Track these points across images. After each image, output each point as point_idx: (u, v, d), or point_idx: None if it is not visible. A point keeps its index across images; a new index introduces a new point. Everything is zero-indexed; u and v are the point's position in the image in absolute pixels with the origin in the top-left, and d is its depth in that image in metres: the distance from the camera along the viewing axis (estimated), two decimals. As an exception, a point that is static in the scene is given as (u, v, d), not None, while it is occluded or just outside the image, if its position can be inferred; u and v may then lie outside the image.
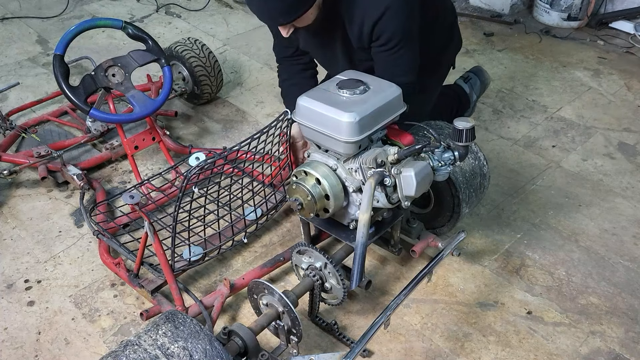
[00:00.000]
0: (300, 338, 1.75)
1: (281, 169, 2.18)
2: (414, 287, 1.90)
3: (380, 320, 1.78)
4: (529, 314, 2.08)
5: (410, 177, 1.69)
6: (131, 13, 4.18)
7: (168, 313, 1.56)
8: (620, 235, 2.39)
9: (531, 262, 2.27)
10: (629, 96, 3.27)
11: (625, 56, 3.66)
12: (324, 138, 1.78)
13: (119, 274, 2.12)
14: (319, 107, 1.76)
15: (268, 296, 1.78)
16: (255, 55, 3.66)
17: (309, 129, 1.81)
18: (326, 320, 2.00)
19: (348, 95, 1.78)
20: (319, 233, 2.15)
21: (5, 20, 4.02)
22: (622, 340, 1.99)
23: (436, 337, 2.00)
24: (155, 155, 2.79)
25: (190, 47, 2.94)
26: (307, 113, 1.79)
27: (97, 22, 2.46)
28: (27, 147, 2.76)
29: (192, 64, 2.92)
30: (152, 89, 2.89)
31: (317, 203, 1.81)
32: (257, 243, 2.36)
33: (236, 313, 2.08)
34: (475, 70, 2.95)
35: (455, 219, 2.18)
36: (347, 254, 1.98)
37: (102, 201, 2.38)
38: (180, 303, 1.95)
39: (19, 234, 2.39)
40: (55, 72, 2.28)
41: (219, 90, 3.13)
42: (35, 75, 3.41)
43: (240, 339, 1.65)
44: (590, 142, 2.92)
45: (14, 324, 2.04)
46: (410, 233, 2.14)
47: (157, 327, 1.50)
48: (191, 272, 2.20)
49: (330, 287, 1.91)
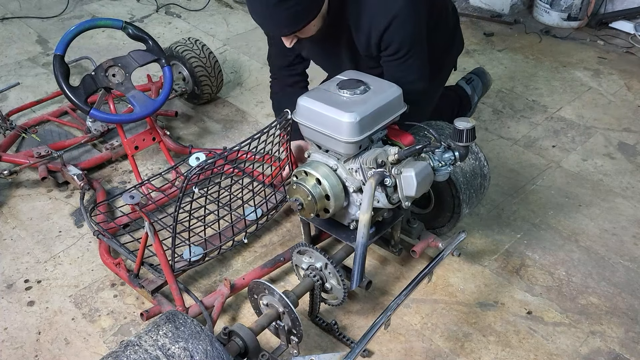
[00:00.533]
0: (301, 338, 1.75)
1: (281, 169, 2.18)
2: (414, 287, 1.90)
3: (381, 321, 1.78)
4: (529, 314, 2.08)
5: (410, 177, 1.69)
6: (131, 13, 4.18)
7: (169, 313, 1.56)
8: (620, 235, 2.39)
9: (531, 262, 2.27)
10: (629, 96, 3.27)
11: (625, 56, 3.67)
12: (325, 138, 1.78)
13: (119, 274, 2.12)
14: (320, 107, 1.76)
15: (268, 296, 1.78)
16: (255, 55, 3.66)
17: (309, 129, 1.81)
18: (326, 320, 2.00)
19: (348, 95, 1.78)
20: (319, 233, 2.15)
21: (5, 20, 4.02)
22: (622, 340, 1.99)
23: (436, 337, 2.00)
24: (155, 155, 2.79)
25: (190, 47, 2.94)
26: (307, 113, 1.79)
27: (98, 22, 2.46)
28: (27, 147, 2.76)
29: (192, 64, 2.92)
30: (152, 89, 2.90)
31: (318, 203, 1.81)
32: (257, 243, 2.36)
33: (236, 313, 2.08)
34: (478, 72, 2.95)
35: (455, 219, 2.18)
36: (348, 254, 1.98)
37: (103, 201, 2.38)
38: (180, 303, 1.96)
39: (19, 234, 2.39)
40: (56, 72, 2.28)
41: (219, 90, 3.13)
42: (35, 75, 3.41)
43: (240, 340, 1.65)
44: (590, 142, 2.92)
45: (14, 324, 2.04)
46: (411, 233, 2.14)
47: (158, 327, 1.50)
48: (191, 272, 2.20)
49: (330, 288, 1.91)
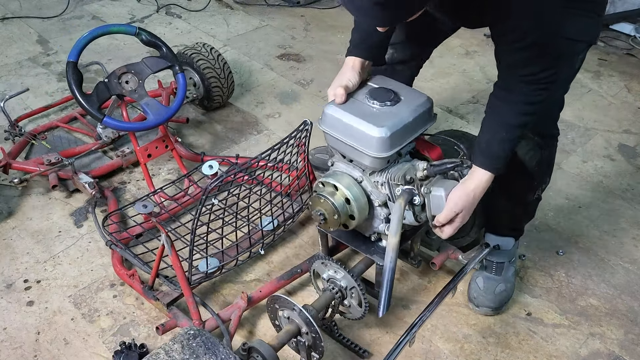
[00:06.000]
0: (322, 354, 1.69)
1: (298, 178, 2.15)
2: (438, 303, 1.84)
3: (406, 339, 1.72)
4: (529, 315, 2.08)
5: (440, 198, 1.63)
6: (132, 13, 4.18)
7: (206, 340, 1.49)
8: (620, 237, 2.39)
9: (531, 264, 2.27)
10: (629, 98, 3.27)
11: (625, 58, 3.67)
12: (351, 150, 1.69)
13: (133, 285, 2.08)
14: (348, 118, 1.66)
15: (288, 311, 1.72)
16: (256, 55, 3.66)
17: (334, 138, 1.71)
18: (346, 336, 1.97)
19: (378, 106, 1.68)
20: (337, 244, 2.09)
21: (6, 20, 4.02)
22: (622, 342, 1.99)
23: (435, 338, 1.99)
24: (167, 162, 2.76)
25: (199, 51, 2.89)
26: (334, 123, 1.69)
27: (111, 29, 2.42)
28: (36, 154, 2.71)
29: (202, 68, 2.87)
30: (163, 95, 2.82)
31: (342, 217, 1.74)
32: (273, 254, 2.31)
33: (253, 327, 2.04)
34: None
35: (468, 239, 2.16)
36: (367, 267, 1.93)
37: (115, 210, 2.33)
38: (197, 317, 1.90)
39: (18, 234, 2.39)
40: (69, 79, 2.24)
41: (230, 94, 3.06)
42: (36, 75, 3.41)
43: (260, 356, 1.60)
44: (590, 144, 2.92)
45: (13, 324, 2.03)
46: (430, 245, 2.09)
47: (197, 358, 1.45)
48: (206, 285, 2.15)
49: (349, 305, 1.85)
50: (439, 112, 3.14)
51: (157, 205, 2.33)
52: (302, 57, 3.65)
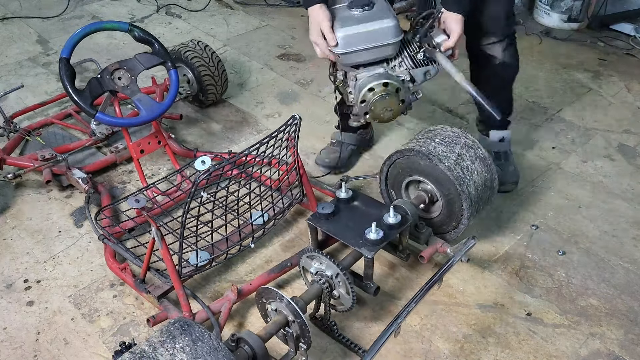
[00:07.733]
0: (310, 345, 1.71)
1: (288, 173, 2.16)
2: (423, 294, 1.86)
3: (391, 329, 1.74)
4: (529, 315, 2.08)
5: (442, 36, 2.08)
6: (132, 13, 4.18)
7: (183, 323, 1.51)
8: (620, 237, 2.39)
9: (531, 264, 2.27)
10: (629, 98, 3.27)
11: (625, 58, 3.67)
12: (374, 52, 2.02)
13: (124, 279, 2.10)
14: (359, 28, 1.98)
15: (276, 302, 1.75)
16: (256, 55, 3.66)
17: (355, 53, 2.02)
18: (344, 335, 1.97)
19: (360, 12, 2.00)
20: (327, 238, 2.12)
21: (6, 20, 4.02)
22: (622, 342, 1.99)
23: (435, 338, 1.99)
24: (160, 158, 2.78)
25: (193, 49, 2.92)
26: (351, 41, 1.99)
27: (104, 25, 2.43)
28: (31, 150, 2.75)
29: (196, 66, 2.89)
30: (157, 91, 2.87)
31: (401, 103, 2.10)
32: (263, 248, 2.34)
33: (243, 319, 2.06)
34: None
35: (459, 231, 2.16)
36: (356, 260, 1.95)
37: (108, 205, 2.36)
38: (187, 309, 1.93)
39: (18, 234, 2.39)
40: (62, 75, 2.25)
41: (224, 92, 3.11)
42: (35, 75, 3.41)
43: (249, 347, 1.62)
44: (590, 144, 2.92)
45: (13, 324, 2.04)
46: (419, 239, 2.11)
47: (174, 339, 1.46)
48: (197, 278, 2.18)
49: (338, 296, 1.88)
50: (439, 112, 3.14)
51: (150, 200, 2.34)
52: (302, 57, 3.65)
